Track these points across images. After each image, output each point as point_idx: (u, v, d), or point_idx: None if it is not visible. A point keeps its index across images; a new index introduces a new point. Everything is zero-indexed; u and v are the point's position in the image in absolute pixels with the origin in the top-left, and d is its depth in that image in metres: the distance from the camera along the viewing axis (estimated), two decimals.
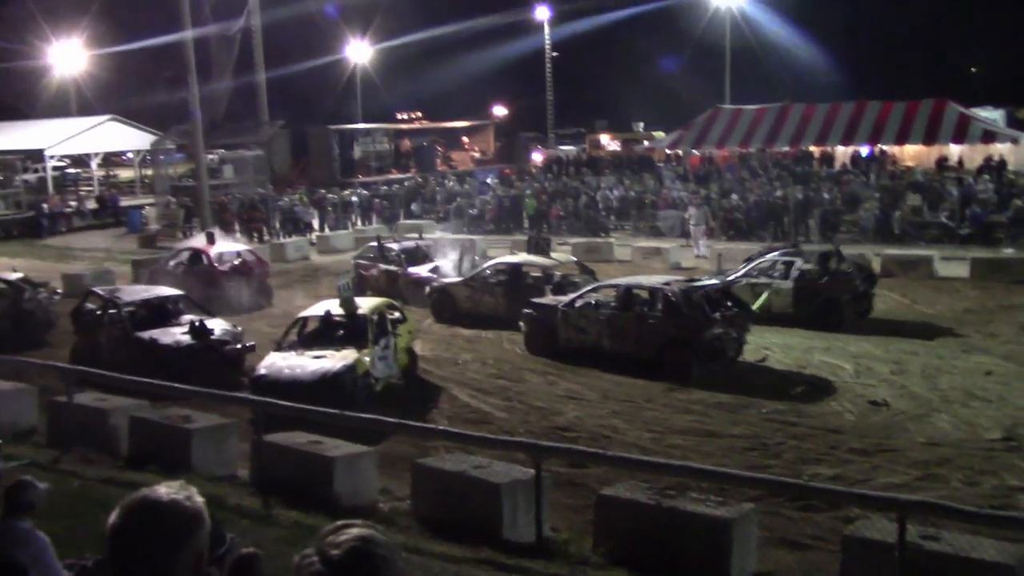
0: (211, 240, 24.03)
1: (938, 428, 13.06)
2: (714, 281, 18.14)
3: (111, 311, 17.35)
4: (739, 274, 19.92)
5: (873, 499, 8.90)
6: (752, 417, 13.72)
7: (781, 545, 9.44)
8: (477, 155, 57.55)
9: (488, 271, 20.94)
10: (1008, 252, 25.60)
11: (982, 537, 7.77)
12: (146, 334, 16.55)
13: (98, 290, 18.93)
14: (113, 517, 2.54)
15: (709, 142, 44.88)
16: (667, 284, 17.04)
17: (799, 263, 19.74)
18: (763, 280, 19.58)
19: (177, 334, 16.47)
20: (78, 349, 17.40)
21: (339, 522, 2.14)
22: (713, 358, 15.78)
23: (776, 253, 20.73)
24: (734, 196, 32.97)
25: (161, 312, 17.58)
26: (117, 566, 2.47)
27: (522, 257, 21.37)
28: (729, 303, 16.81)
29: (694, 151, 45.22)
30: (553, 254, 21.62)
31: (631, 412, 14.09)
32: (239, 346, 16.56)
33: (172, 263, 23.80)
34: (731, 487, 9.74)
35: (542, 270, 20.29)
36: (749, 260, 20.69)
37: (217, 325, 16.99)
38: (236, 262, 23.16)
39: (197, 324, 16.45)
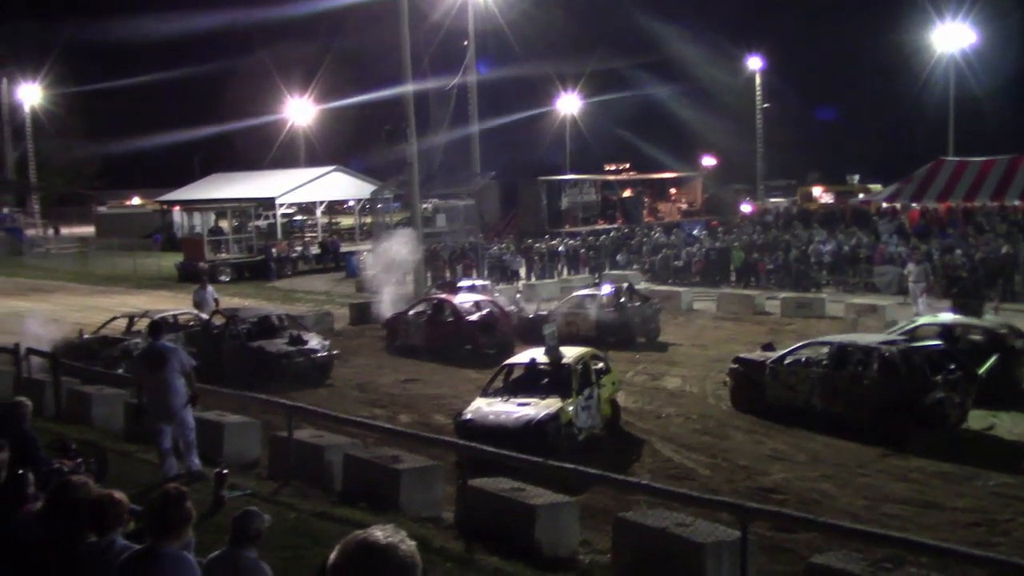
0: (454, 290, 24.39)
1: None
2: (937, 342, 17.09)
3: (231, 327, 20.65)
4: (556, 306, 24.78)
5: None
6: (977, 490, 12.80)
7: None
8: (684, 207, 57.04)
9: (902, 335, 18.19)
10: None
11: None
12: (255, 344, 20.07)
13: (223, 310, 22.41)
14: (333, 556, 2.65)
15: (930, 195, 42.66)
16: (885, 343, 16.23)
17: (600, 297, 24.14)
18: (576, 310, 24.07)
19: (279, 343, 20.12)
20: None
21: None
22: (934, 424, 14.87)
23: (585, 289, 25.97)
24: (958, 252, 31.20)
25: (270, 327, 20.92)
26: None
27: (951, 317, 19.26)
28: (953, 365, 15.83)
29: (913, 204, 43.18)
30: (988, 316, 19.66)
31: (843, 477, 13.45)
32: (326, 354, 20.13)
33: (413, 312, 23.74)
34: (954, 564, 9.09)
35: (984, 334, 18.05)
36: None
37: (312, 338, 20.70)
38: (483, 313, 23.12)
39: (295, 335, 20.33)
